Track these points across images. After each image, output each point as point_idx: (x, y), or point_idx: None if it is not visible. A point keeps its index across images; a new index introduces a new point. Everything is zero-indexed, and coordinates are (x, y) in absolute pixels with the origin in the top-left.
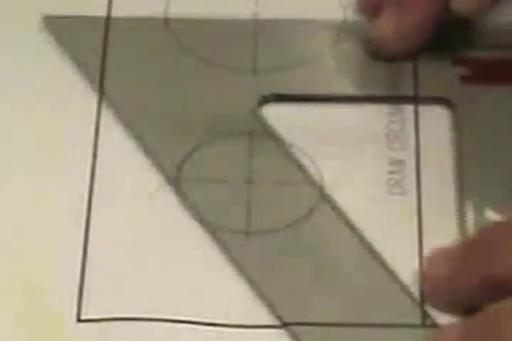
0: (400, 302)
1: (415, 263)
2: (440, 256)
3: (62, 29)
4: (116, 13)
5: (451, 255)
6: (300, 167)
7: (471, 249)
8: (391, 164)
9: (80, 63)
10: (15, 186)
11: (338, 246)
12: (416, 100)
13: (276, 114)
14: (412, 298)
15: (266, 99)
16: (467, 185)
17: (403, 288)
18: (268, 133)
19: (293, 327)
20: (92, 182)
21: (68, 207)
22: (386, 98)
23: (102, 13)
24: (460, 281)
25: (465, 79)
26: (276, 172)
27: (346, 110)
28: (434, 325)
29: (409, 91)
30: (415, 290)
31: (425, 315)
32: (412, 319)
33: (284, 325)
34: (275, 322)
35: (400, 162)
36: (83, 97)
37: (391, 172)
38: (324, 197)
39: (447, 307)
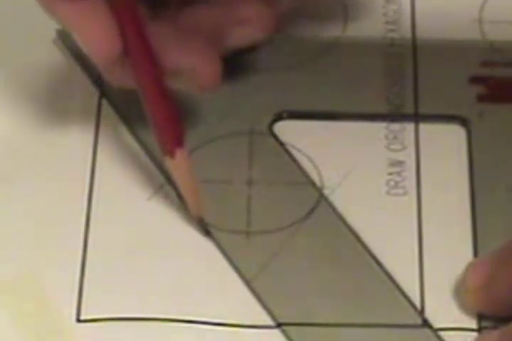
0: (399, 302)
1: (415, 264)
2: (480, 262)
3: (69, 38)
4: None
5: (491, 261)
6: (300, 167)
7: (510, 255)
8: (391, 165)
9: (82, 64)
10: (15, 186)
11: (338, 247)
12: (416, 117)
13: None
14: (411, 299)
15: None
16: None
17: (402, 289)
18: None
19: (292, 328)
20: (92, 182)
21: (68, 207)
22: (388, 115)
23: None
24: (498, 287)
25: (481, 98)
26: (276, 173)
27: (348, 126)
28: (433, 326)
29: (410, 108)
30: (415, 291)
31: (423, 316)
32: (410, 319)
33: (280, 326)
34: (274, 322)
35: (400, 163)
36: (83, 97)
37: (391, 174)
38: (324, 197)
39: (488, 313)
